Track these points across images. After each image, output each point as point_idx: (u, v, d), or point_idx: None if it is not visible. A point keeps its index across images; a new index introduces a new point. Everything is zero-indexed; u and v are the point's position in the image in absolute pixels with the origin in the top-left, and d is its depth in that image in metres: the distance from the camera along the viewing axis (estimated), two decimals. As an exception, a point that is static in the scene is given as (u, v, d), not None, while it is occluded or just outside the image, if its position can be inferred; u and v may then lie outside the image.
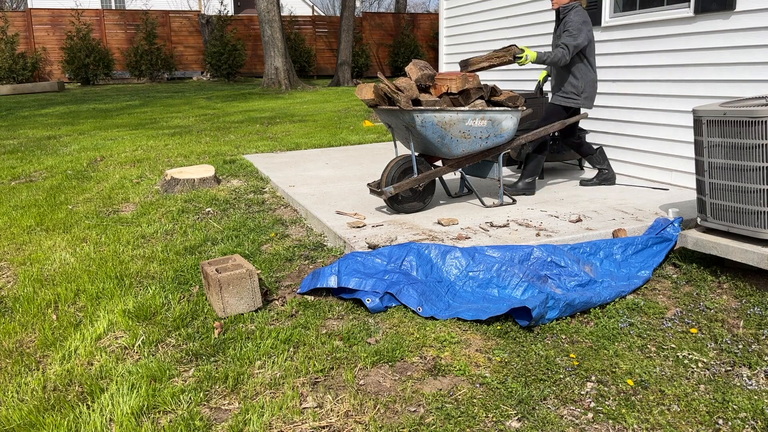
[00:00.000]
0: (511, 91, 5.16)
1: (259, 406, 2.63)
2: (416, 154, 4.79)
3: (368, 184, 4.85)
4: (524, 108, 4.82)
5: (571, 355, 3.00)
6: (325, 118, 12.66)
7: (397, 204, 4.73)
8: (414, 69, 4.71)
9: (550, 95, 5.95)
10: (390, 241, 4.06)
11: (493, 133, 4.70)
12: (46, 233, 5.14)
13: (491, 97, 4.81)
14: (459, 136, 4.60)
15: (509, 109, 4.69)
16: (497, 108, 4.67)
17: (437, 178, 5.19)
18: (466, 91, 4.66)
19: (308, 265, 4.12)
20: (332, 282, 3.57)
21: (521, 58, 4.86)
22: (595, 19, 6.04)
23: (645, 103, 5.65)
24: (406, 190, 4.72)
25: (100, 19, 23.31)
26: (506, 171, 6.47)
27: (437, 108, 4.46)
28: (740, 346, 3.07)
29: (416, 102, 4.57)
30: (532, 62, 4.98)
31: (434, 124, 4.49)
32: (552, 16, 6.65)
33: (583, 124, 6.39)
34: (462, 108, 4.54)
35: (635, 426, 2.49)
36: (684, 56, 5.22)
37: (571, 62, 5.11)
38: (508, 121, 4.72)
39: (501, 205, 4.97)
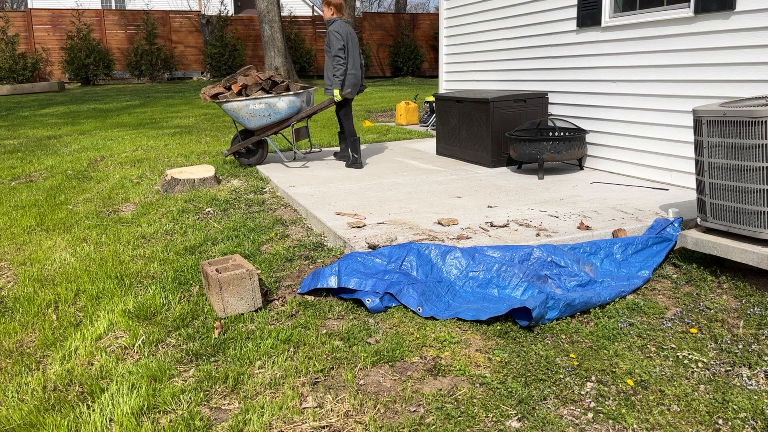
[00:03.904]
0: (286, 84, 7.08)
1: (259, 406, 2.63)
2: (239, 129, 7.35)
3: (222, 152, 7.43)
4: (291, 94, 6.73)
5: (571, 355, 3.00)
6: (325, 118, 12.65)
7: (240, 158, 7.21)
8: (239, 77, 6.89)
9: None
10: (390, 241, 4.06)
11: (272, 111, 6.75)
12: (46, 233, 5.14)
13: (272, 88, 6.87)
14: (248, 116, 6.77)
15: (275, 95, 6.72)
16: (268, 95, 6.68)
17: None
18: (247, 86, 6.79)
19: (308, 265, 4.12)
20: (332, 282, 3.57)
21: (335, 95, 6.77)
22: (595, 19, 6.04)
23: (645, 103, 5.65)
24: (245, 148, 7.15)
25: (101, 19, 23.31)
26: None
27: (225, 100, 6.70)
28: (740, 346, 3.07)
29: (216, 96, 6.90)
30: (339, 95, 6.73)
31: (230, 110, 6.78)
32: (552, 16, 6.65)
33: (583, 125, 6.40)
34: (242, 98, 6.66)
35: (635, 426, 2.49)
36: (684, 56, 5.22)
37: (330, 64, 6.85)
38: (281, 103, 6.73)
39: (293, 159, 7.51)
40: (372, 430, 2.47)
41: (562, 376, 2.83)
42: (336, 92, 6.72)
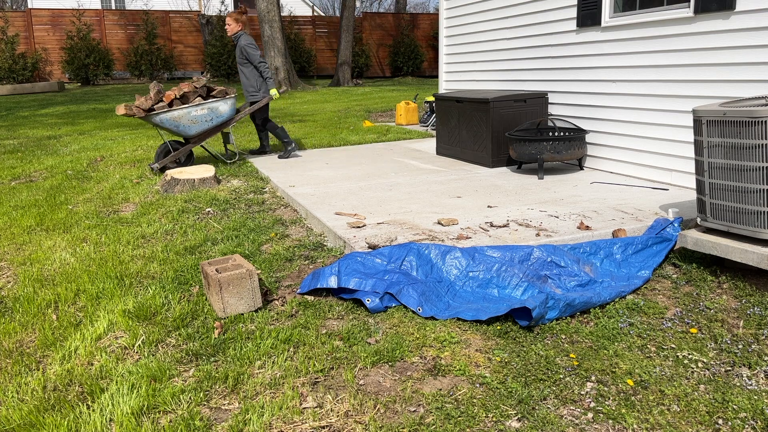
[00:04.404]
0: (223, 89, 7.26)
1: (259, 406, 2.63)
2: (170, 140, 7.11)
3: (150, 165, 7.08)
4: (232, 96, 7.00)
5: (571, 355, 3.00)
6: (325, 118, 12.66)
7: (160, 167, 6.98)
8: (152, 90, 6.83)
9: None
10: (390, 241, 4.07)
11: (215, 116, 6.87)
12: (46, 233, 5.14)
13: (209, 93, 6.98)
14: (190, 123, 6.71)
15: (220, 99, 6.85)
16: (211, 100, 6.80)
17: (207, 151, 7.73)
18: (185, 95, 6.76)
19: (308, 265, 4.12)
20: (332, 282, 3.57)
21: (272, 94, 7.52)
22: (595, 20, 6.04)
23: (645, 103, 5.65)
24: (174, 160, 7.04)
25: (101, 19, 23.31)
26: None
27: (166, 110, 6.64)
28: (740, 346, 3.07)
29: (151, 110, 6.69)
30: (277, 93, 7.47)
31: (169, 120, 6.66)
32: (552, 16, 6.65)
33: (583, 125, 6.40)
34: (185, 105, 6.64)
35: (635, 426, 2.49)
36: (684, 56, 5.22)
37: (250, 72, 7.48)
38: (223, 106, 6.88)
39: (237, 161, 7.56)
40: (372, 430, 2.47)
41: (562, 376, 2.83)
42: (274, 91, 7.51)
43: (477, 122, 6.79)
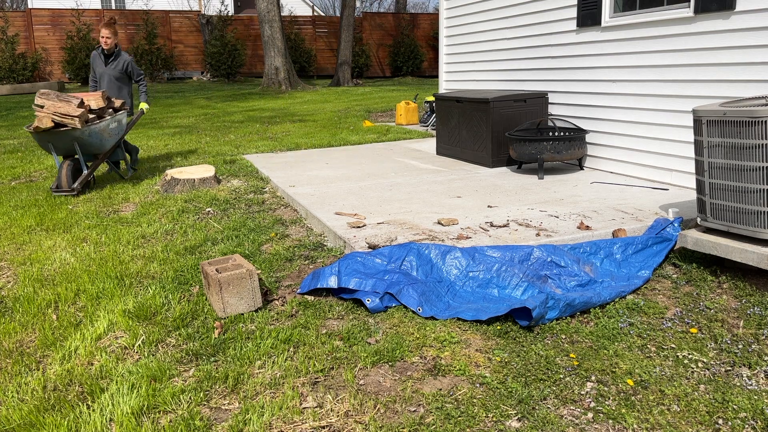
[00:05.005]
0: (114, 99, 7.09)
1: (259, 406, 2.63)
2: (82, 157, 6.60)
3: (51, 189, 6.51)
4: (125, 109, 7.05)
5: (571, 355, 3.00)
6: (325, 118, 12.66)
7: (60, 191, 6.39)
8: (58, 101, 6.29)
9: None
10: (390, 241, 4.06)
11: (120, 129, 6.91)
12: (46, 233, 5.14)
13: (111, 107, 6.94)
14: (108, 136, 6.64)
15: (123, 111, 6.93)
16: (119, 112, 6.87)
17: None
18: (102, 108, 6.69)
19: (308, 265, 4.12)
20: (332, 282, 3.57)
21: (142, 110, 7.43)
22: (595, 19, 6.04)
23: (645, 103, 5.65)
24: (90, 178, 6.73)
25: (101, 19, 23.30)
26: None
27: (98, 122, 6.42)
28: (740, 346, 3.07)
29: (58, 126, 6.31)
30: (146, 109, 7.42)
31: (98, 132, 6.45)
32: (552, 16, 6.65)
33: (583, 125, 6.40)
34: (107, 118, 6.58)
35: (635, 426, 2.49)
36: (684, 56, 5.22)
37: (125, 87, 7.37)
38: (124, 119, 6.95)
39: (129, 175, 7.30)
40: (372, 430, 2.47)
41: (562, 376, 2.83)
42: (145, 105, 7.42)
43: (477, 122, 6.79)
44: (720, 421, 2.51)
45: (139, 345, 3.19)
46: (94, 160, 6.75)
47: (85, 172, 6.51)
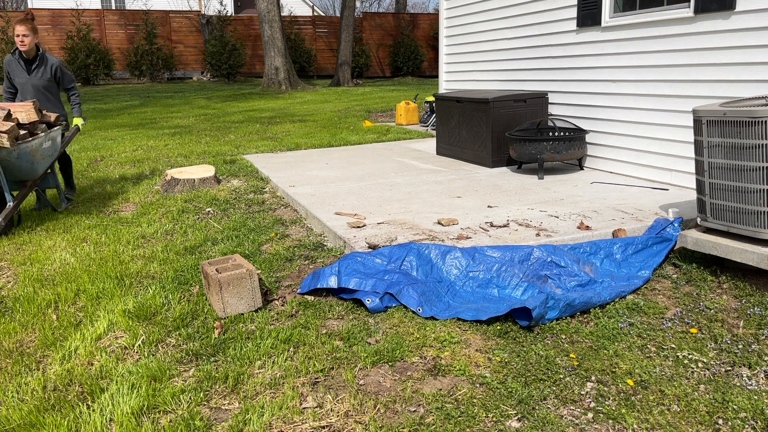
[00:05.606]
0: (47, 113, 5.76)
1: (259, 406, 2.63)
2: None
3: None
4: (62, 123, 5.70)
5: (571, 355, 3.00)
6: (325, 118, 12.66)
7: (5, 226, 5.05)
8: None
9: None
10: (390, 241, 4.06)
11: (54, 150, 5.53)
12: (46, 233, 5.14)
13: (44, 121, 5.51)
14: (41, 159, 5.28)
15: (58, 128, 5.54)
16: (54, 128, 5.48)
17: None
18: (34, 123, 5.26)
19: (308, 265, 4.12)
20: (332, 282, 3.57)
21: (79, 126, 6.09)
22: (595, 19, 6.04)
23: (645, 103, 5.65)
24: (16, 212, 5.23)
25: (101, 19, 23.31)
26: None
27: (30, 139, 5.04)
28: (740, 346, 3.07)
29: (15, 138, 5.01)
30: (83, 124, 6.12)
31: (28, 153, 5.08)
32: (552, 16, 6.65)
33: (583, 125, 6.40)
34: (39, 135, 5.19)
35: (635, 426, 2.49)
36: (684, 56, 5.22)
37: (54, 98, 6.00)
38: (59, 137, 5.61)
39: (65, 207, 5.89)
40: (372, 430, 2.47)
41: (562, 376, 2.83)
42: (80, 121, 6.16)
43: (477, 122, 6.79)
44: (720, 421, 2.51)
45: (139, 345, 3.19)
46: (21, 188, 5.33)
47: (10, 204, 5.05)
